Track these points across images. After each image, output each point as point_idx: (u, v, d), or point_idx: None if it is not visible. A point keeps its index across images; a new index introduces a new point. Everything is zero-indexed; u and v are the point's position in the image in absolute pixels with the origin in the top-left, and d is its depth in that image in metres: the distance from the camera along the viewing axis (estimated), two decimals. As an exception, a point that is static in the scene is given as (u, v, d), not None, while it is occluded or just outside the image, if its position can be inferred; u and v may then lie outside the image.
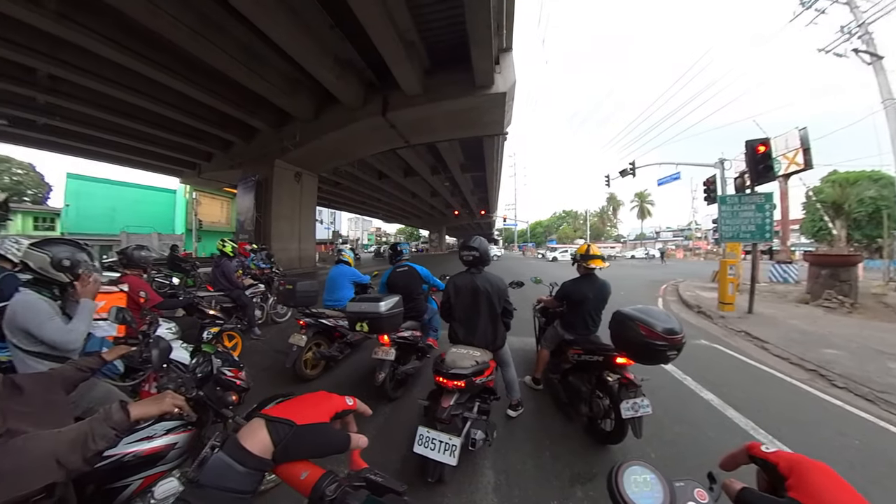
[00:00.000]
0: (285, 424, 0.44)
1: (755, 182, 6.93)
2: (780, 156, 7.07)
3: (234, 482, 0.39)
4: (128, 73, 9.25)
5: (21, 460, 0.71)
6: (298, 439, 0.44)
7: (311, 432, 0.45)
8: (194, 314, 3.51)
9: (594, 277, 2.85)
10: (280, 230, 14.50)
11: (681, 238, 52.70)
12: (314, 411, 0.48)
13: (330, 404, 0.50)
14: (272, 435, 0.43)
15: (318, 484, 0.44)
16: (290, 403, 0.49)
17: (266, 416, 0.45)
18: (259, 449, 0.42)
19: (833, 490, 0.36)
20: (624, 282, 11.62)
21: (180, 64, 9.08)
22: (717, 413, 2.84)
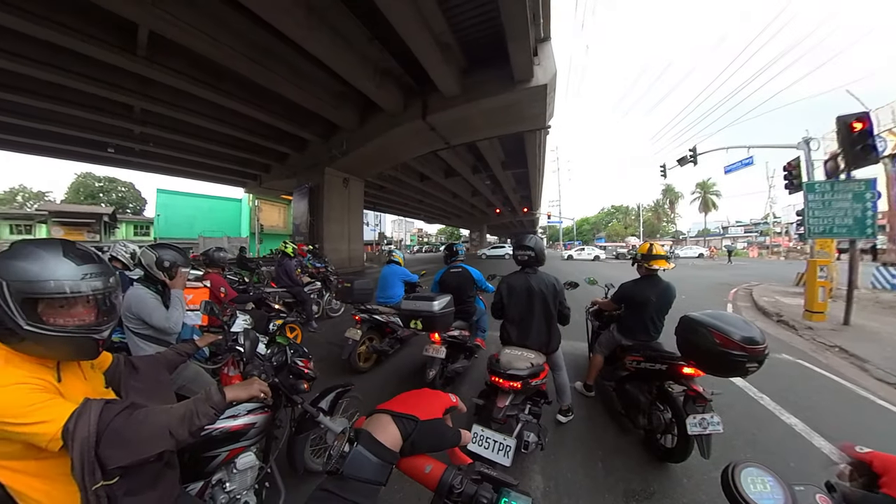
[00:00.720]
0: (411, 419, 0.46)
1: (852, 165, 5.74)
2: (885, 132, 5.74)
3: (370, 473, 0.41)
4: (200, 101, 10.75)
5: (144, 429, 0.84)
6: (423, 434, 0.46)
7: (432, 427, 0.48)
8: (262, 308, 3.92)
9: (657, 279, 2.64)
10: (331, 232, 15.64)
11: (754, 234, 46.30)
12: (431, 407, 0.50)
13: (440, 401, 0.52)
14: (400, 429, 0.45)
15: (444, 477, 0.45)
16: (404, 399, 0.51)
17: (392, 412, 0.47)
18: (390, 442, 0.44)
19: None
20: (684, 284, 10.38)
21: (241, 89, 10.28)
22: (802, 440, 2.44)
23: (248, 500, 1.44)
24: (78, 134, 12.68)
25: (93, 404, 0.81)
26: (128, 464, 0.80)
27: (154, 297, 2.01)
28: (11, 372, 0.81)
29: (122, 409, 0.84)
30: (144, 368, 1.21)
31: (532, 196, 32.86)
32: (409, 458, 0.47)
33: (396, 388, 3.13)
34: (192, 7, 6.89)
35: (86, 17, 6.92)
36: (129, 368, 1.17)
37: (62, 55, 7.98)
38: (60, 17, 6.75)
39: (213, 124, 12.20)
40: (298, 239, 15.27)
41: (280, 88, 9.69)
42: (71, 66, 8.36)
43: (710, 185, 47.70)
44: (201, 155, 16.06)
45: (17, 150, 14.56)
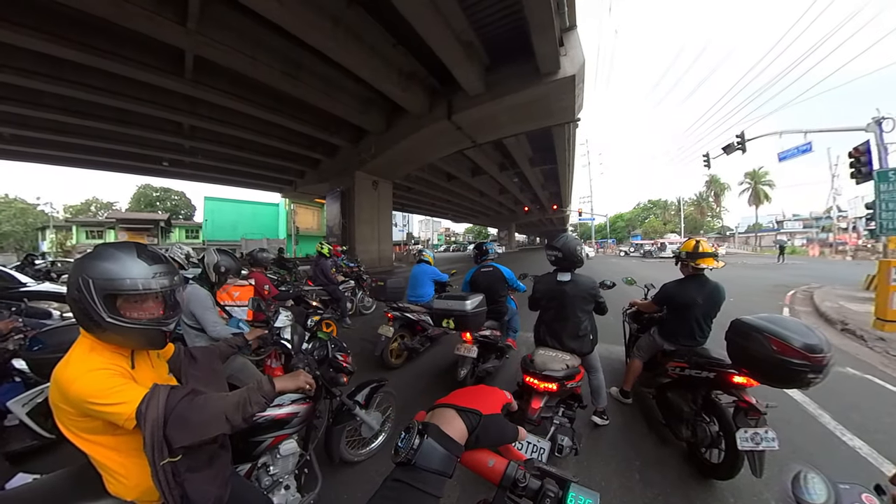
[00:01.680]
0: (475, 414, 0.48)
1: None
2: None
3: (438, 464, 0.43)
4: (240, 115, 11.71)
5: (204, 414, 0.94)
6: (486, 428, 0.47)
7: (494, 422, 0.49)
8: (300, 304, 4.15)
9: (704, 279, 2.44)
10: (362, 233, 16.25)
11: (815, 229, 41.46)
12: (491, 403, 0.51)
13: (497, 397, 0.54)
14: (466, 423, 0.47)
15: (508, 471, 0.47)
16: (464, 394, 0.53)
17: (456, 407, 0.49)
18: (457, 435, 0.45)
19: None
20: (733, 285, 9.30)
21: (276, 101, 11.01)
22: (867, 465, 2.16)
23: (289, 483, 1.55)
24: (137, 150, 14.27)
25: (160, 389, 0.91)
26: (189, 444, 0.90)
27: (209, 296, 2.23)
28: (95, 359, 0.93)
29: (185, 395, 0.94)
30: (201, 358, 1.33)
31: (561, 193, 31.97)
32: (472, 452, 0.49)
33: (427, 385, 3.17)
34: (230, 30, 7.51)
35: (141, 47, 7.81)
36: (189, 358, 1.29)
37: (120, 82, 9.04)
38: (123, 50, 7.70)
39: (251, 135, 13.17)
40: (331, 240, 15.95)
41: (311, 98, 10.23)
42: (128, 91, 9.46)
43: (761, 175, 42.87)
44: (242, 164, 17.36)
45: (89, 167, 16.74)
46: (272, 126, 12.74)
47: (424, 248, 4.84)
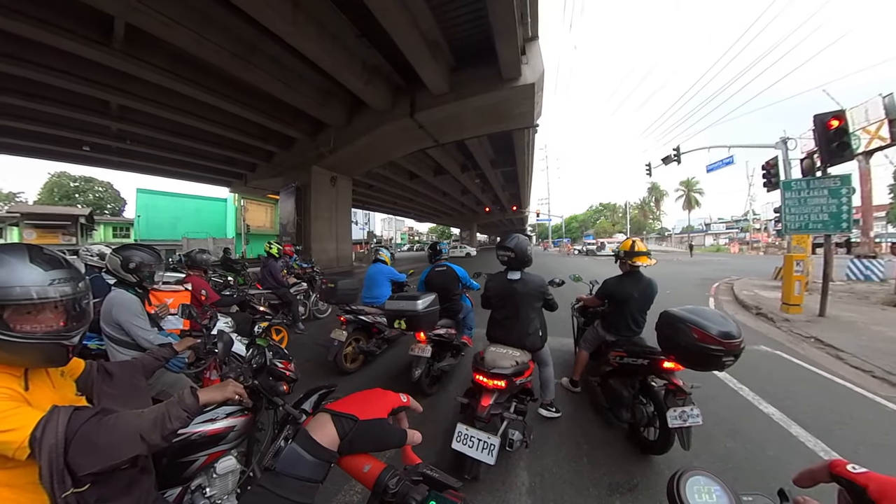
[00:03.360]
0: (350, 419, 0.47)
1: (827, 163, 6.01)
2: (860, 130, 6.02)
3: (305, 471, 0.42)
4: (180, 98, 10.40)
5: (114, 435, 0.83)
6: (362, 433, 0.47)
7: (373, 427, 0.48)
8: (246, 310, 3.84)
9: (639, 275, 2.68)
10: (319, 232, 15.44)
11: (735, 230, 47.77)
12: (374, 407, 0.50)
13: (387, 400, 0.53)
14: (338, 428, 0.46)
15: (380, 477, 0.46)
16: (351, 399, 0.52)
17: (331, 412, 0.48)
18: (327, 441, 0.45)
19: None
20: (669, 280, 10.65)
21: (225, 85, 10.03)
22: (780, 429, 2.53)
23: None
24: (50, 131, 12.15)
25: (60, 411, 0.80)
26: (98, 470, 0.79)
27: (138, 303, 1.96)
28: None
29: (92, 416, 0.83)
30: (119, 374, 1.19)
31: (521, 194, 33.16)
32: (351, 457, 0.48)
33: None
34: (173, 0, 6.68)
35: (58, 9, 6.65)
36: (103, 374, 1.15)
37: (32, 49, 7.64)
38: (32, 9, 6.48)
39: (196, 122, 11.84)
40: (285, 239, 15.03)
41: (266, 86, 9.50)
42: (42, 61, 8.00)
43: (693, 183, 49.36)
44: (184, 153, 15.61)
45: (-17, 148, 13.93)
46: (221, 113, 11.55)
47: (381, 248, 4.70)
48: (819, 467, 0.43)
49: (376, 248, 4.66)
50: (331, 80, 9.82)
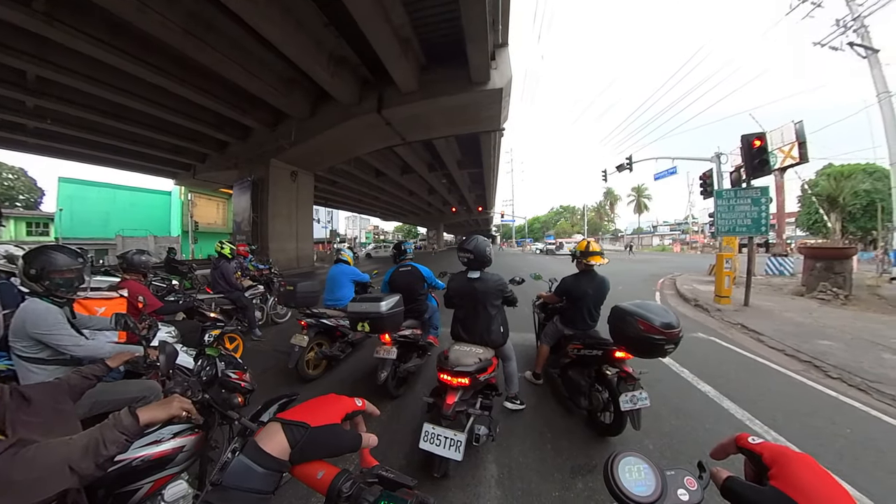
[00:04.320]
0: (300, 427, 0.46)
1: (751, 176, 6.95)
2: (776, 149, 7.06)
3: (255, 483, 0.42)
4: (119, 75, 9.19)
5: (33, 469, 0.73)
6: (313, 440, 0.46)
7: (325, 433, 0.48)
8: (195, 317, 3.51)
9: (593, 273, 2.89)
10: (277, 230, 14.52)
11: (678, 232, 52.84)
12: (326, 413, 0.50)
13: (340, 406, 0.53)
14: (288, 437, 0.45)
15: (334, 482, 0.46)
16: (303, 407, 0.51)
17: (282, 420, 0.47)
18: (277, 451, 0.44)
19: (814, 480, 0.37)
20: (622, 277, 11.65)
21: (174, 65, 9.03)
22: (714, 405, 2.89)
23: None
24: None
25: None
26: None
27: (58, 312, 1.69)
28: None
29: (5, 449, 0.73)
30: (38, 398, 1.05)
31: (487, 195, 33.85)
32: (304, 466, 0.47)
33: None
34: None
35: None
36: (18, 400, 1.00)
37: None
38: None
39: (137, 103, 10.52)
40: (240, 238, 13.98)
41: (222, 69, 8.70)
42: None
43: (643, 190, 54.22)
44: (120, 138, 13.84)
45: None
46: (167, 94, 10.35)
47: (342, 247, 4.53)
48: (728, 441, 0.49)
49: (338, 249, 4.48)
50: (294, 68, 9.29)
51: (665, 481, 0.45)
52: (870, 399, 3.06)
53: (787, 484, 0.38)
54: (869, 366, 3.64)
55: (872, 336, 4.69)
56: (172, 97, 10.57)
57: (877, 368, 3.57)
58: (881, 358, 3.89)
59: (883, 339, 4.57)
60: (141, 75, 9.00)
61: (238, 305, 4.64)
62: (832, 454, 2.24)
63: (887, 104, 9.20)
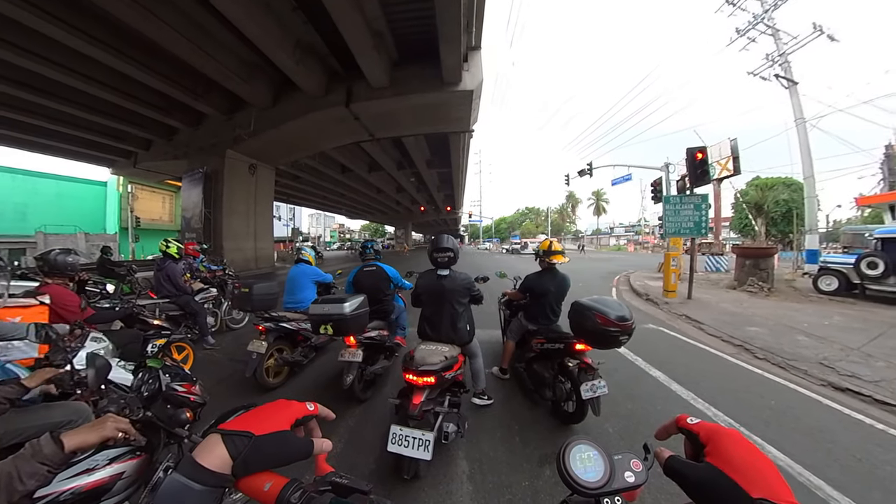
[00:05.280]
0: (243, 437, 0.43)
1: (694, 184, 7.78)
2: (715, 162, 8.11)
3: (193, 501, 0.38)
4: (39, 39, 7.78)
5: None
6: (258, 450, 0.43)
7: (271, 442, 0.45)
8: (135, 326, 3.16)
9: (555, 271, 3.02)
10: (233, 228, 13.43)
11: (632, 233, 57.02)
12: (273, 420, 0.47)
13: (289, 411, 0.50)
14: (230, 449, 0.42)
15: (282, 493, 0.44)
16: (248, 415, 0.48)
17: (222, 431, 0.44)
18: (216, 465, 0.41)
19: (741, 452, 0.42)
20: (581, 274, 12.52)
21: (116, 37, 7.91)
22: (664, 388, 3.18)
23: None
24: None
25: None
26: None
27: None
28: None
29: None
30: None
31: (455, 195, 34.11)
32: (249, 478, 0.44)
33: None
34: None
35: None
36: None
37: None
38: None
39: (65, 76, 8.95)
40: (189, 236, 12.83)
41: (174, 46, 7.77)
42: None
43: (601, 194, 58.28)
44: (45, 118, 11.86)
45: None
46: (103, 69, 8.94)
47: (304, 246, 4.28)
48: (670, 423, 0.53)
49: (298, 248, 4.23)
50: (257, 52, 8.60)
51: (613, 465, 0.47)
52: (788, 375, 3.55)
53: (719, 459, 0.42)
54: (787, 347, 4.22)
55: (790, 322, 5.43)
56: (109, 72, 9.16)
57: (793, 349, 4.15)
58: (796, 340, 4.53)
59: (798, 323, 5.31)
60: (75, 46, 7.75)
61: (187, 311, 4.23)
62: (761, 423, 2.58)
63: (802, 128, 10.98)
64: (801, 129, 11.03)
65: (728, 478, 0.39)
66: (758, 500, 0.36)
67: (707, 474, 0.41)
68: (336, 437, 2.35)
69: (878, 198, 12.21)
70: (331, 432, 2.39)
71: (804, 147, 10.93)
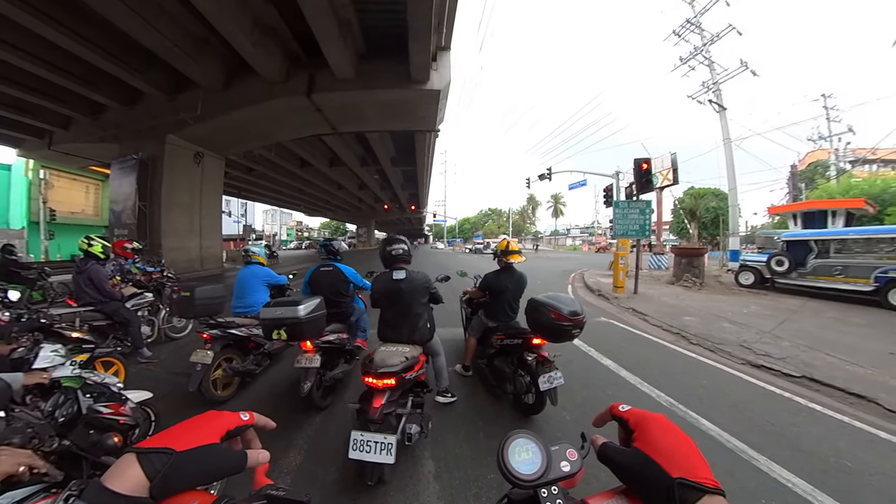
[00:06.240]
0: (162, 454, 0.40)
1: (640, 191, 8.69)
2: (658, 172, 9.31)
3: None
4: None
5: None
6: (180, 467, 0.40)
7: (196, 457, 0.42)
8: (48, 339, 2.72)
9: (512, 270, 3.14)
10: (174, 224, 12.10)
11: (587, 234, 61.13)
12: (198, 434, 0.44)
13: (219, 423, 0.47)
14: (146, 468, 0.38)
15: None
16: (171, 430, 0.45)
17: (137, 450, 0.40)
18: (130, 487, 0.37)
19: (664, 436, 0.44)
20: (540, 272, 13.19)
21: None
22: (615, 375, 3.47)
23: None
24: None
25: None
26: None
27: None
28: None
29: None
30: None
31: (420, 194, 33.97)
32: (173, 499, 0.41)
33: (269, 411, 2.65)
34: None
35: None
36: None
37: None
38: None
39: None
40: (119, 234, 11.39)
41: (108, 11, 6.80)
42: None
43: (559, 197, 62.10)
44: None
45: None
46: (6, 24, 7.34)
47: (252, 245, 3.95)
48: (605, 411, 0.56)
49: (246, 249, 3.85)
50: (209, 27, 7.78)
51: (550, 456, 0.49)
52: (716, 357, 4.07)
53: (645, 443, 0.45)
54: (715, 333, 4.83)
55: (717, 311, 6.20)
56: (14, 29, 7.52)
57: (720, 334, 4.76)
58: (723, 326, 5.20)
59: (724, 312, 6.10)
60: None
61: (116, 320, 3.70)
62: (696, 399, 2.93)
63: (729, 147, 13.11)
64: (727, 148, 12.99)
65: (652, 460, 0.42)
66: (677, 479, 0.39)
67: (634, 459, 0.44)
68: (295, 450, 2.23)
69: (785, 207, 14.70)
70: (289, 444, 2.26)
71: (729, 163, 13.03)
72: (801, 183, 23.54)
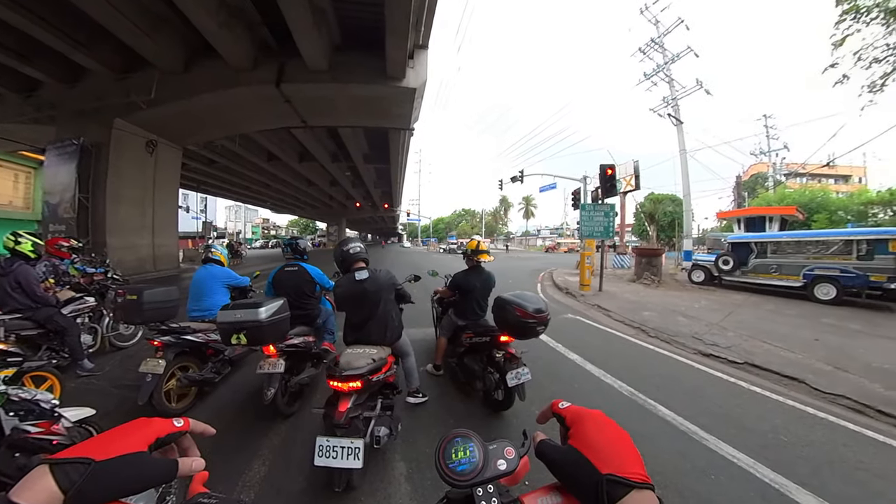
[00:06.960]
0: (78, 464, 0.37)
1: (605, 195, 9.27)
2: (622, 178, 10.04)
3: None
4: None
5: None
6: (98, 478, 0.37)
7: (118, 467, 0.39)
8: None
9: (481, 269, 3.20)
10: (121, 219, 10.97)
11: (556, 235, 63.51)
12: (123, 442, 0.41)
13: (148, 430, 0.44)
14: (60, 480, 0.35)
15: None
16: (94, 439, 0.42)
17: (51, 461, 0.37)
18: (41, 501, 0.34)
19: (599, 433, 0.44)
20: (511, 271, 13.52)
21: None
22: (581, 369, 3.64)
23: None
24: None
25: None
26: None
27: None
28: None
29: None
30: None
31: (393, 193, 33.54)
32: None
33: (228, 423, 2.50)
34: None
35: None
36: None
37: None
38: None
39: None
40: (55, 229, 10.24)
41: None
42: None
43: (531, 199, 64.00)
44: None
45: None
46: None
47: (213, 244, 3.68)
48: (547, 408, 0.56)
49: (207, 246, 3.58)
50: (168, 3, 7.10)
51: (487, 455, 0.49)
52: (672, 348, 4.41)
53: (578, 441, 0.45)
54: (671, 326, 5.23)
55: (672, 306, 6.72)
56: None
57: (675, 327, 5.16)
58: (677, 320, 5.64)
59: (678, 307, 6.62)
60: None
61: (50, 328, 3.31)
62: (654, 388, 3.14)
63: (684, 157, 14.43)
64: (683, 158, 14.35)
65: (584, 457, 0.42)
66: (606, 475, 0.39)
67: (566, 456, 0.45)
68: (259, 460, 2.12)
69: (731, 213, 16.69)
70: (253, 455, 2.16)
71: (684, 172, 14.34)
72: (745, 192, 26.59)
